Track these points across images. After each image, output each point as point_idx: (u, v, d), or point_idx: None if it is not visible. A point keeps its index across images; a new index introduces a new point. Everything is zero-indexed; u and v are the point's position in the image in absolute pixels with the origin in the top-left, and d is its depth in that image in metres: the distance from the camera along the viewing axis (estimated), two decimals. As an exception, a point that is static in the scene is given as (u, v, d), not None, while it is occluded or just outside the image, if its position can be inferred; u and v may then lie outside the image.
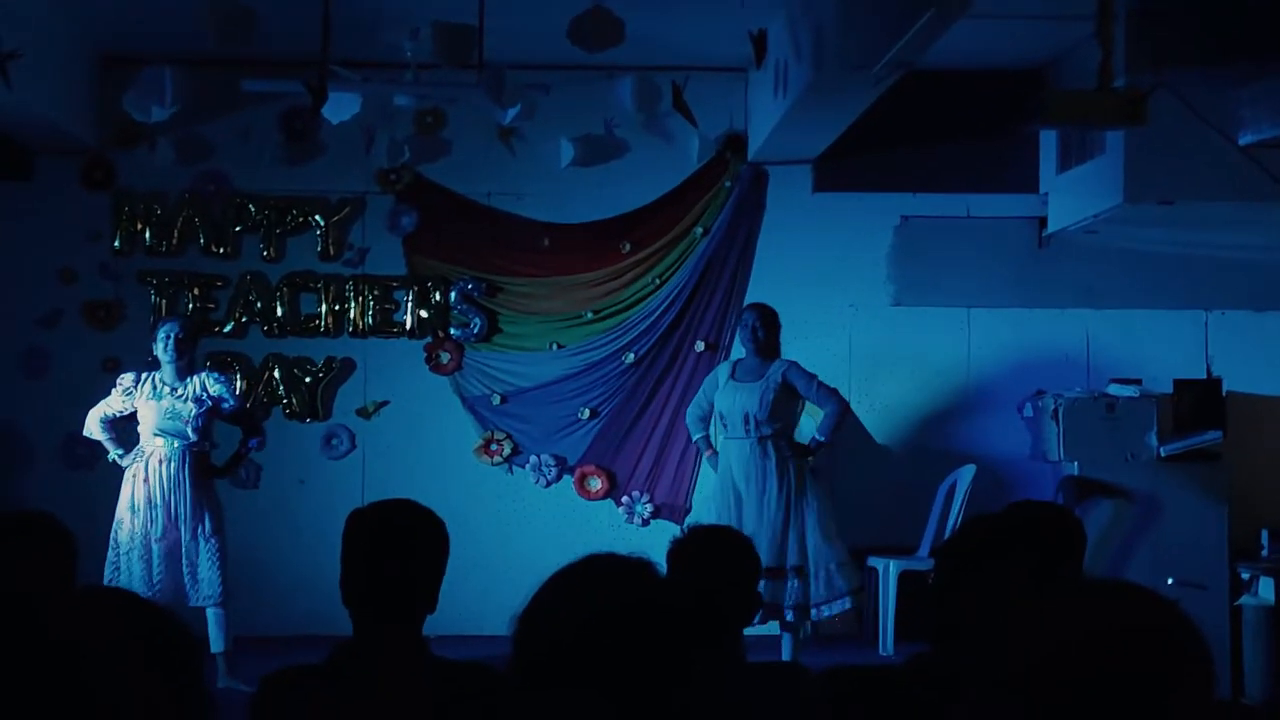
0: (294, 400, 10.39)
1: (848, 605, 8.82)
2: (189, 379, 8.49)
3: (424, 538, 3.58)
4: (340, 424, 10.42)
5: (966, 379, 10.51)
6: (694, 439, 9.38)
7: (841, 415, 9.01)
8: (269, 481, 10.24)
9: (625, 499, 10.46)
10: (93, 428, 8.62)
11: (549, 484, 10.48)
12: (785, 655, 8.59)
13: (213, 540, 8.38)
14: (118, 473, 8.57)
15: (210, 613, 8.34)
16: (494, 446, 10.47)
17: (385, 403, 10.45)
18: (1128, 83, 7.74)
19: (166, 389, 8.43)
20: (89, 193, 10.33)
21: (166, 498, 8.34)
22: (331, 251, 10.45)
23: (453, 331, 10.48)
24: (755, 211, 10.58)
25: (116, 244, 10.34)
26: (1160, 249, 10.30)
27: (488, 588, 9.32)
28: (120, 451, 8.51)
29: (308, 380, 10.39)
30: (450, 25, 7.70)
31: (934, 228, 10.54)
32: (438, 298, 10.46)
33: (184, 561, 8.34)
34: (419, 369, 10.46)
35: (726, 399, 8.92)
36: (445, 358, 10.48)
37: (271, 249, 10.43)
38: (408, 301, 10.47)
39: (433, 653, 3.48)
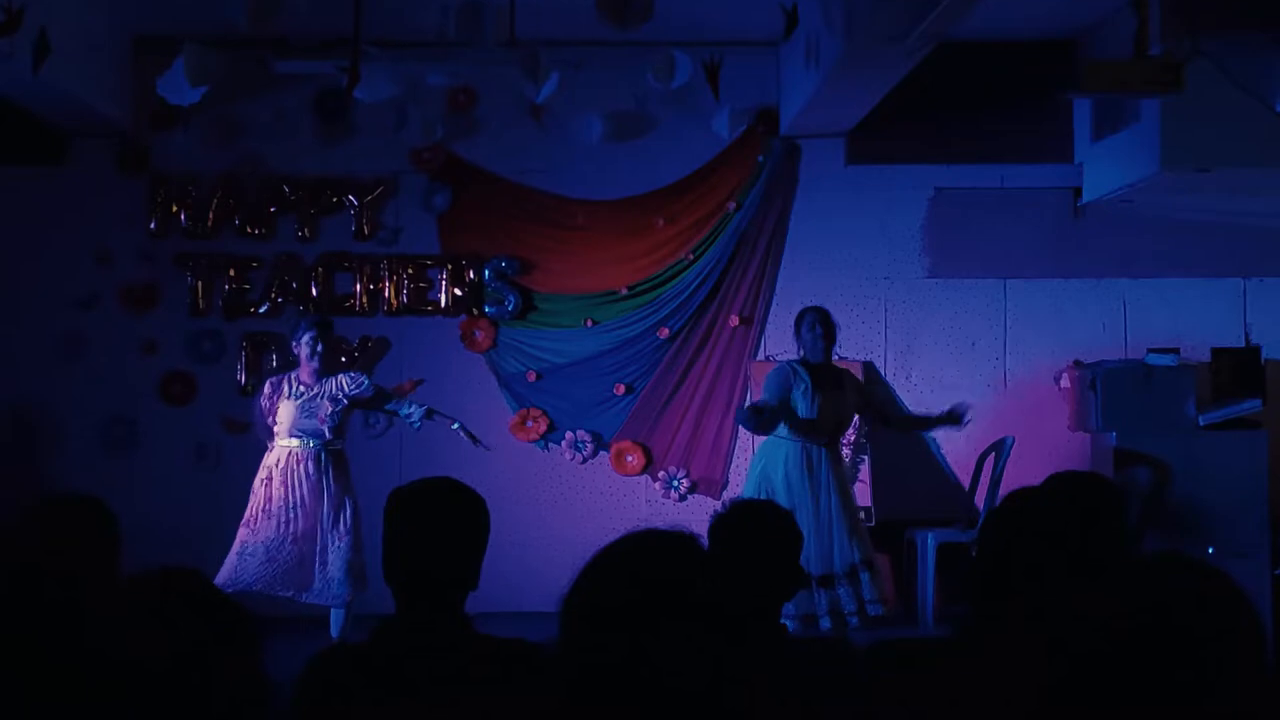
0: (330, 380, 10.41)
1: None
2: (326, 379, 8.63)
3: (465, 515, 3.58)
4: (377, 403, 10.43)
5: (1003, 350, 10.48)
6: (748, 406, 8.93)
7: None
8: (307, 461, 10.25)
9: (662, 474, 10.46)
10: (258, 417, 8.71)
11: (585, 460, 10.49)
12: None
13: (347, 539, 8.41)
14: (157, 455, 8.57)
15: (334, 610, 8.46)
16: (529, 423, 10.48)
17: (421, 381, 10.46)
18: (1163, 50, 7.70)
19: (302, 387, 8.56)
20: (124, 175, 10.36)
21: (305, 499, 8.41)
22: (366, 231, 10.47)
23: (487, 309, 10.48)
24: (788, 185, 10.56)
25: (153, 226, 10.37)
26: (1197, 217, 10.25)
27: (526, 564, 9.34)
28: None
29: (343, 359, 10.41)
30: (480, 7, 7.68)
31: (968, 199, 10.50)
32: (471, 276, 10.47)
33: (317, 561, 8.39)
34: (454, 347, 10.48)
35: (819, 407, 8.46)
36: (480, 335, 10.50)
37: (306, 229, 10.45)
38: (442, 280, 10.48)
39: (476, 630, 3.48)
